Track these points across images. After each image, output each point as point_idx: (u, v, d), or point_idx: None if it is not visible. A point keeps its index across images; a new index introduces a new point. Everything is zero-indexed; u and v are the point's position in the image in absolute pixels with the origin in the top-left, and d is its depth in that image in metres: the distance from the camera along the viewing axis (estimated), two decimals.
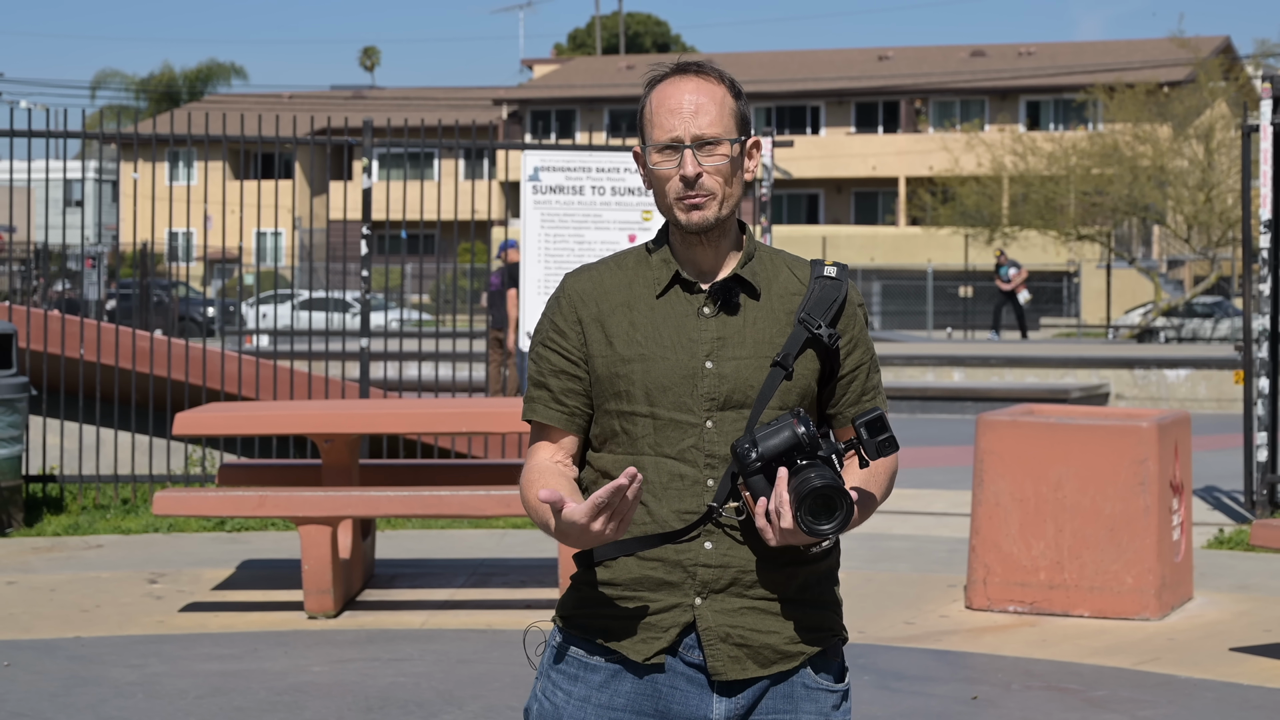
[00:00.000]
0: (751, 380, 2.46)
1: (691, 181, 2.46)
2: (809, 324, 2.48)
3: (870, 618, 7.02)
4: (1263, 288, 9.79)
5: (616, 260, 2.57)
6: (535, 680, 2.57)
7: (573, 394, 2.52)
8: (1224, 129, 32.43)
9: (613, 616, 2.47)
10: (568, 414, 2.52)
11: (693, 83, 2.49)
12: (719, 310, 2.49)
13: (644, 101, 2.53)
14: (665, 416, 2.46)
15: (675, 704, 2.46)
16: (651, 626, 2.45)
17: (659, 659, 2.45)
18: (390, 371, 14.47)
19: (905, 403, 19.77)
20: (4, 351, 9.07)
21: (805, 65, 52.43)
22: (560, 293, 2.56)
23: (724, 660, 2.45)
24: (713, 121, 2.47)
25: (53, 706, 5.68)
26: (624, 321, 2.49)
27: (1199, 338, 30.77)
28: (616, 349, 2.48)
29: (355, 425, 7.36)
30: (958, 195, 36.46)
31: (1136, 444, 7.03)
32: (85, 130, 10.43)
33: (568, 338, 2.52)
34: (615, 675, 2.47)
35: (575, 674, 2.49)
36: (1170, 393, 19.94)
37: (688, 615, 2.45)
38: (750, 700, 2.47)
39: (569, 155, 9.95)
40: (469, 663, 6.33)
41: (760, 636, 2.46)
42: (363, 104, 52.85)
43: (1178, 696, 5.87)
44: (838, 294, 2.50)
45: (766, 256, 2.55)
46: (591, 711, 2.48)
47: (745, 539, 2.45)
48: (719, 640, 2.45)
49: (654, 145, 2.48)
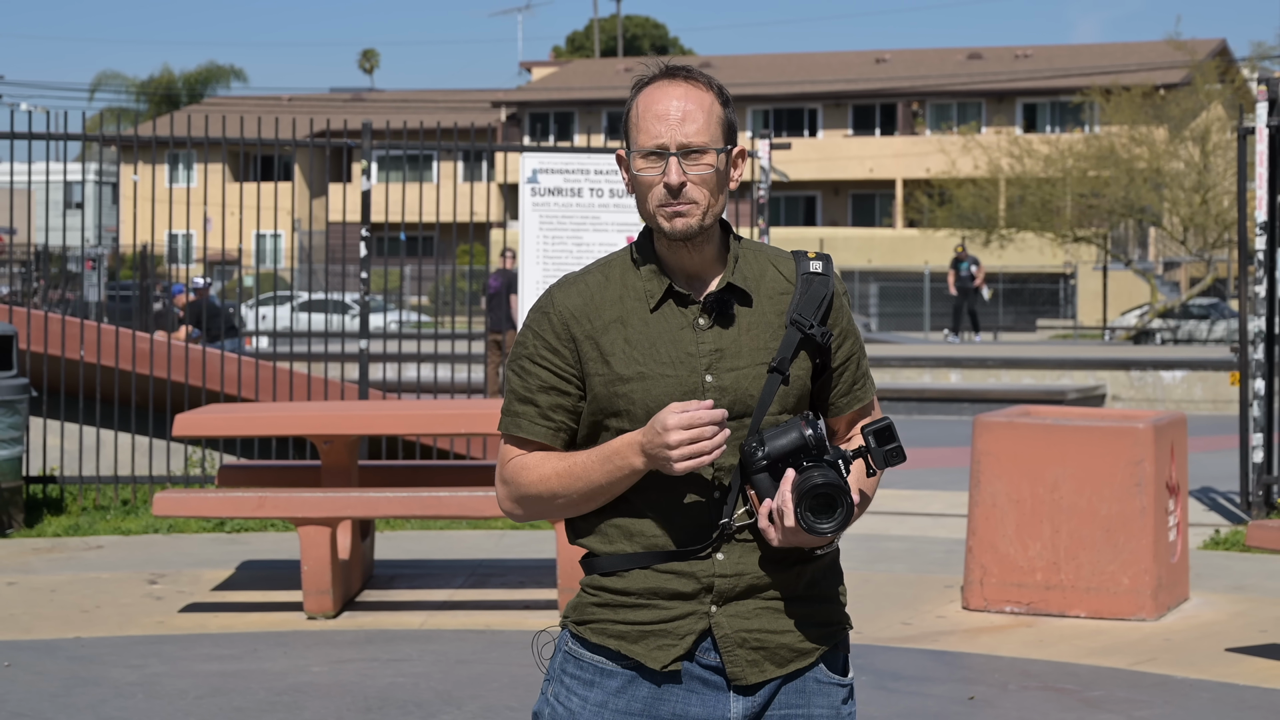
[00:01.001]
0: (751, 389, 2.45)
1: (676, 190, 2.42)
2: (801, 325, 2.47)
3: (867, 618, 7.03)
4: (1258, 289, 9.81)
5: (603, 271, 2.52)
6: (545, 684, 2.55)
7: (560, 410, 2.49)
8: (1220, 131, 32.46)
9: (628, 624, 2.46)
10: (554, 429, 2.49)
11: (681, 89, 2.45)
12: (714, 322, 2.47)
13: (630, 104, 2.48)
14: None
15: (693, 707, 2.46)
16: (668, 634, 2.45)
17: (676, 666, 2.45)
18: (389, 373, 14.49)
19: (902, 404, 19.80)
20: (4, 353, 9.09)
21: (803, 68, 52.46)
22: (549, 307, 2.50)
23: (742, 665, 2.45)
24: (700, 130, 2.43)
25: (53, 707, 5.70)
26: (619, 339, 2.46)
27: (1195, 339, 30.81)
28: (614, 368, 2.45)
29: (354, 426, 7.38)
30: (955, 197, 36.48)
31: (1133, 445, 7.05)
32: (85, 133, 10.45)
33: (560, 354, 2.48)
34: (631, 681, 2.47)
35: (591, 679, 2.49)
36: (1166, 394, 19.97)
37: (704, 623, 2.45)
38: (766, 697, 2.48)
39: (567, 157, 9.97)
40: (467, 663, 6.35)
41: (776, 637, 2.46)
42: (362, 106, 52.85)
43: (1174, 697, 5.88)
44: (826, 290, 2.49)
45: (751, 255, 2.52)
46: (609, 716, 2.47)
47: (754, 540, 2.45)
48: (736, 646, 2.45)
49: (639, 151, 2.44)
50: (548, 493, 2.47)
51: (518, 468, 2.50)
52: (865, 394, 2.57)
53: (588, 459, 2.44)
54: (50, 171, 31.54)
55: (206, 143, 10.16)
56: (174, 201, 14.78)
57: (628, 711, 2.47)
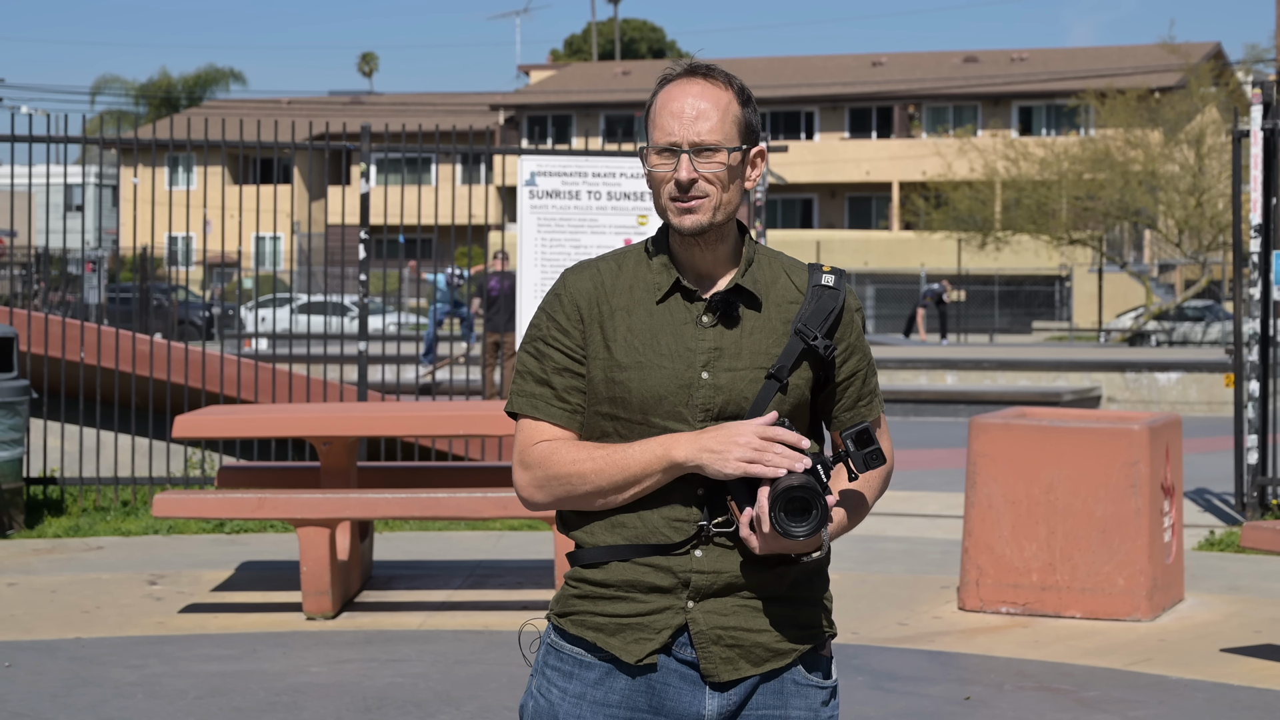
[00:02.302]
0: (746, 392, 2.47)
1: (685, 186, 2.45)
2: (805, 335, 2.48)
3: (864, 619, 7.07)
4: (1253, 291, 9.85)
5: (617, 260, 2.55)
6: (530, 677, 2.59)
7: (575, 391, 2.51)
8: (1214, 134, 32.53)
9: (606, 616, 2.49)
10: (570, 411, 2.51)
11: (698, 86, 2.47)
12: (718, 320, 2.48)
13: (651, 101, 2.51)
14: (659, 425, 2.47)
15: (669, 700, 2.49)
16: (645, 628, 2.47)
17: (651, 659, 2.48)
18: (388, 375, 14.52)
19: (899, 405, 19.86)
20: (5, 355, 9.11)
21: (800, 71, 52.52)
22: (562, 289, 2.53)
23: (716, 662, 2.47)
24: (713, 128, 2.45)
25: (53, 707, 5.71)
26: (623, 327, 2.49)
27: (1190, 341, 30.88)
28: (614, 355, 2.48)
29: (353, 428, 7.40)
30: (951, 200, 36.54)
31: (1128, 446, 7.07)
32: (85, 135, 10.48)
33: (571, 336, 2.51)
34: (609, 673, 2.49)
35: (570, 671, 2.51)
36: (1161, 396, 20.02)
37: (680, 618, 2.47)
38: (742, 696, 2.50)
39: (565, 160, 10.01)
40: (466, 663, 6.37)
41: (752, 636, 2.48)
42: (361, 109, 52.89)
43: (1169, 697, 5.90)
44: (835, 303, 2.50)
45: (765, 261, 2.54)
46: (587, 708, 2.49)
47: (735, 547, 2.47)
48: (711, 643, 2.47)
49: (654, 147, 2.48)
50: (578, 474, 2.47)
51: (546, 451, 2.50)
52: (871, 411, 2.57)
53: (626, 446, 2.46)
54: (50, 174, 31.52)
55: (206, 145, 10.19)
56: (174, 204, 14.78)
57: (605, 703, 2.49)
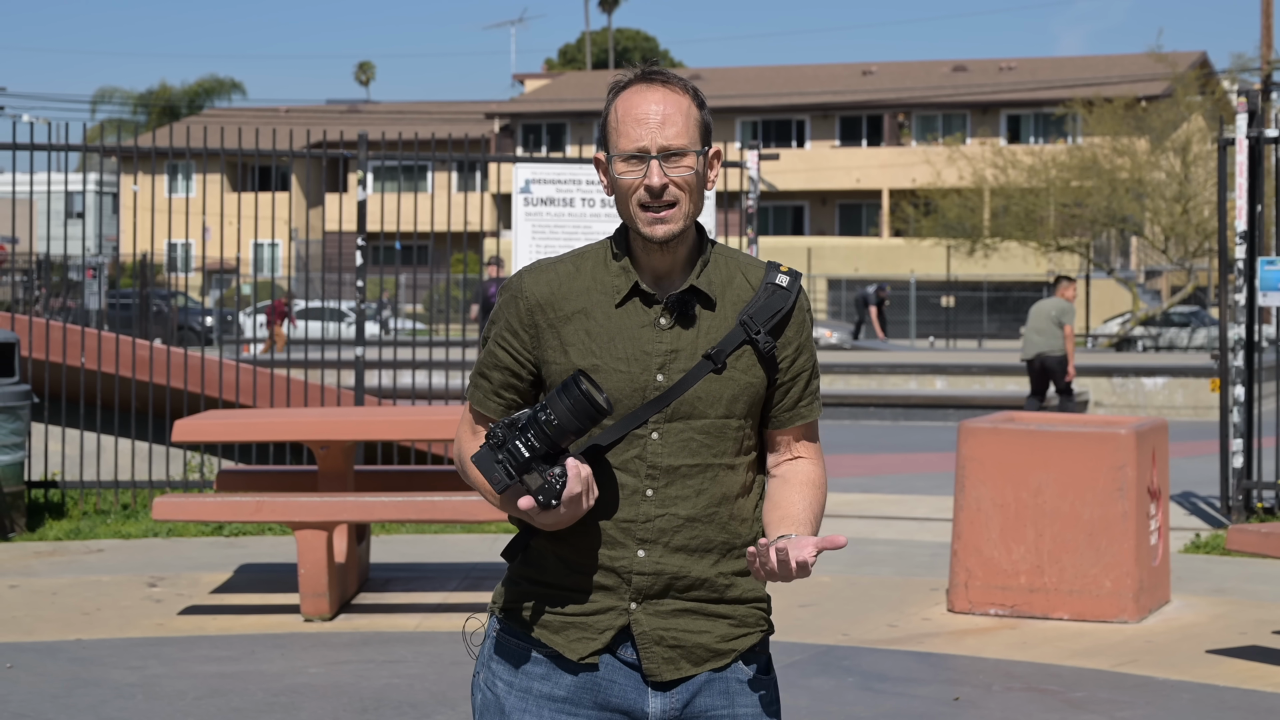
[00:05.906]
0: (699, 391, 2.49)
1: (657, 191, 2.44)
2: (749, 327, 2.50)
3: (854, 620, 7.12)
4: (1238, 297, 9.93)
5: (575, 261, 2.54)
6: (475, 672, 2.61)
7: (511, 388, 2.55)
8: (1200, 142, 32.66)
9: (550, 613, 2.50)
10: (504, 405, 2.56)
11: (659, 92, 2.47)
12: (674, 322, 2.48)
13: (608, 109, 2.50)
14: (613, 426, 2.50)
15: (614, 697, 2.51)
16: (587, 627, 2.48)
17: (593, 659, 2.48)
18: (384, 379, 14.59)
19: (889, 410, 19.95)
20: (6, 360, 9.16)
21: (790, 80, 52.60)
22: (518, 291, 2.53)
23: (658, 662, 2.50)
24: (679, 133, 2.46)
25: (54, 707, 5.74)
26: (580, 330, 2.48)
27: (1176, 347, 30.98)
28: (571, 359, 2.48)
29: (350, 432, 7.44)
30: (940, 207, 36.63)
31: (1115, 451, 7.13)
32: (86, 144, 10.55)
33: (520, 339, 2.52)
34: (554, 668, 2.50)
35: (515, 665, 2.52)
36: (1148, 400, 20.13)
37: (623, 619, 2.47)
38: (686, 696, 2.52)
39: (559, 168, 10.10)
40: (461, 664, 6.40)
41: (693, 637, 2.49)
42: (358, 118, 52.91)
43: (1155, 698, 5.95)
44: (784, 303, 2.52)
45: (722, 261, 2.54)
46: (532, 702, 2.50)
47: (675, 539, 2.48)
48: (653, 644, 2.48)
49: (620, 154, 2.46)
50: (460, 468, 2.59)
51: (462, 436, 2.60)
52: (810, 413, 2.59)
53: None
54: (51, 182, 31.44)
55: (205, 153, 10.26)
56: (173, 211, 14.88)
57: (550, 697, 2.50)
